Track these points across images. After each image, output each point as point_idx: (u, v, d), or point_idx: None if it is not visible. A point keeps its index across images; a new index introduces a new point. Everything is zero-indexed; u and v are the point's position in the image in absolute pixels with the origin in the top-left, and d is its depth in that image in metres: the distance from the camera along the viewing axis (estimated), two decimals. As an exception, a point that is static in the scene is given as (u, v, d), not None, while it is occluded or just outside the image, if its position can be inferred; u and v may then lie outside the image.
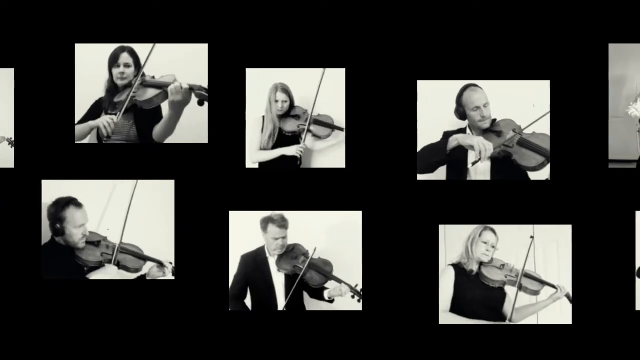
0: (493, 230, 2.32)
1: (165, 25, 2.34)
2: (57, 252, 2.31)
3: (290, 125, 2.46)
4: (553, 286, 2.32)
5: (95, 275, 2.32)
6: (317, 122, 2.43)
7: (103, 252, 2.32)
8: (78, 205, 2.30)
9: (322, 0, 2.33)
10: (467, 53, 2.33)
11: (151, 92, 2.31)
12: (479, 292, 2.34)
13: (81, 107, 2.35)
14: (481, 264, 2.35)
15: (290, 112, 2.46)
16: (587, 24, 2.32)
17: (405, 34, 2.33)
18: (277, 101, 2.42)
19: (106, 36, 2.34)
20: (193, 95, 2.28)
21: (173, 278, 2.32)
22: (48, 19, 2.33)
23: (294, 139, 2.45)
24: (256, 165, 2.42)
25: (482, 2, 2.33)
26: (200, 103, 2.26)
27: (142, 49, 2.33)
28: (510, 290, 2.35)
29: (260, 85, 2.37)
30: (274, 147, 2.45)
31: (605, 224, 2.31)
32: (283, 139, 2.46)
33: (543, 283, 2.33)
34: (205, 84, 2.30)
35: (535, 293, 2.32)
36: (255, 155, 2.42)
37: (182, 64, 2.33)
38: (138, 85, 2.32)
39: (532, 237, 2.31)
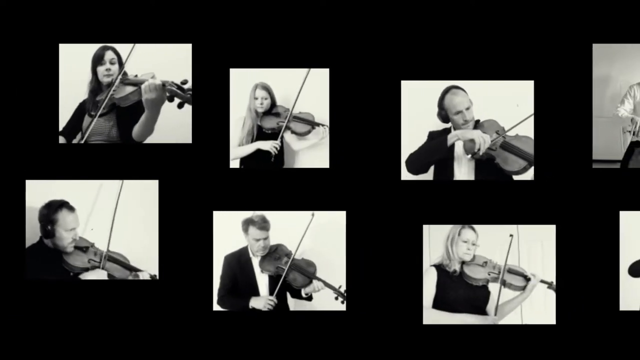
0: (472, 228, 2.32)
1: (149, 25, 2.34)
2: (45, 255, 2.30)
3: (270, 123, 2.46)
4: (524, 276, 2.32)
5: (84, 276, 2.32)
6: (296, 118, 2.42)
7: (90, 259, 2.31)
8: (70, 208, 2.29)
9: (307, 0, 2.33)
10: (451, 53, 2.33)
11: (127, 90, 2.30)
12: (462, 291, 2.33)
13: (64, 107, 2.34)
14: (463, 263, 2.34)
15: (271, 110, 2.46)
16: (571, 24, 2.32)
17: (389, 34, 2.33)
18: (256, 98, 2.42)
19: (90, 36, 2.34)
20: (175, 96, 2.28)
21: (157, 270, 2.32)
22: (31, 19, 2.33)
23: (273, 136, 2.45)
24: (237, 162, 2.41)
25: (466, 2, 2.33)
26: (180, 106, 2.26)
27: (125, 49, 2.33)
28: (494, 288, 2.34)
29: (244, 85, 2.37)
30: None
31: (589, 224, 2.31)
32: (262, 136, 2.46)
33: (526, 276, 2.32)
34: (177, 80, 2.28)
35: (520, 289, 2.32)
36: (233, 151, 2.41)
37: (166, 64, 2.32)
38: (118, 84, 2.31)
39: (511, 235, 2.30)
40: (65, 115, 2.35)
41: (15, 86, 2.33)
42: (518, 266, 2.35)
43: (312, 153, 2.41)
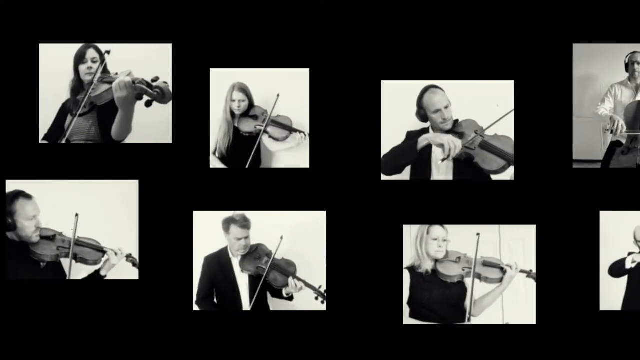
0: (441, 225, 2.31)
1: (129, 25, 2.33)
2: (11, 249, 2.28)
3: (248, 126, 2.45)
4: (501, 267, 2.31)
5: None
6: (275, 122, 2.42)
7: (59, 246, 2.29)
8: (27, 196, 2.26)
9: (287, 1, 2.33)
10: (432, 53, 2.33)
11: (103, 88, 2.30)
12: (436, 291, 2.33)
13: (46, 107, 2.34)
14: (436, 261, 2.34)
15: (249, 112, 2.46)
16: (552, 24, 2.32)
17: (369, 34, 2.33)
18: (233, 100, 2.41)
19: (71, 36, 2.33)
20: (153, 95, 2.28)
21: (133, 268, 2.32)
22: (11, 19, 2.33)
23: (251, 139, 2.44)
24: (218, 162, 2.41)
25: (446, 2, 2.33)
26: (148, 104, 2.25)
27: (106, 48, 2.33)
28: (470, 284, 2.32)
29: (225, 85, 2.37)
30: (231, 146, 2.43)
31: (570, 224, 2.31)
32: (240, 139, 2.45)
33: (502, 268, 2.31)
34: (148, 77, 2.27)
35: (497, 281, 2.31)
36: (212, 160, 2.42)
37: (146, 63, 2.32)
38: (97, 82, 2.31)
39: (478, 234, 2.29)
40: (46, 115, 2.35)
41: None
42: (493, 258, 2.33)
43: (289, 154, 2.41)
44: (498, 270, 2.31)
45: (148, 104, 2.26)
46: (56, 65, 2.33)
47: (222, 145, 2.42)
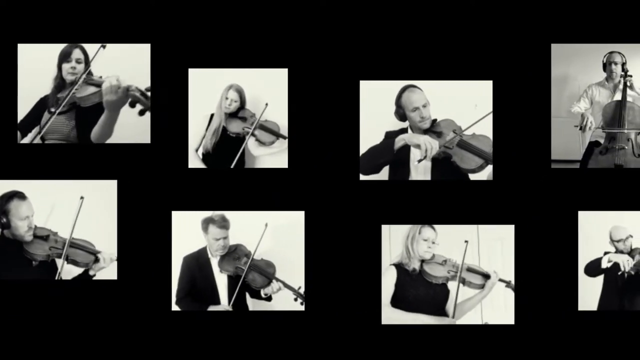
0: (432, 227, 2.32)
1: (107, 25, 2.33)
2: (5, 246, 2.29)
3: (236, 127, 2.46)
4: (488, 275, 2.32)
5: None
6: (263, 127, 2.42)
7: (52, 246, 2.31)
8: (22, 197, 2.28)
9: (265, 1, 2.33)
10: (410, 53, 2.33)
11: (89, 90, 2.30)
12: (422, 289, 2.33)
13: (24, 103, 2.34)
14: (423, 261, 2.34)
15: (238, 112, 2.47)
16: (530, 24, 2.32)
17: (348, 35, 2.33)
18: (227, 98, 2.44)
19: (51, 36, 2.33)
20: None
21: (115, 268, 2.32)
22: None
23: (237, 140, 2.45)
24: (200, 158, 2.43)
25: (425, 2, 2.33)
26: (141, 113, 2.25)
27: (93, 49, 2.32)
28: (453, 287, 2.34)
29: (203, 85, 2.36)
30: (217, 146, 2.45)
31: (548, 224, 2.31)
32: (227, 139, 2.46)
33: (485, 275, 2.32)
34: (143, 86, 2.28)
35: (480, 287, 2.32)
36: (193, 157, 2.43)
37: (125, 63, 2.32)
38: (81, 83, 2.31)
39: (466, 242, 2.30)
40: (24, 111, 2.35)
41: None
42: (477, 265, 2.34)
43: (272, 159, 2.41)
44: (481, 277, 2.32)
45: (142, 113, 2.26)
46: (34, 65, 2.33)
47: (208, 142, 2.43)
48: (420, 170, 2.35)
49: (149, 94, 2.27)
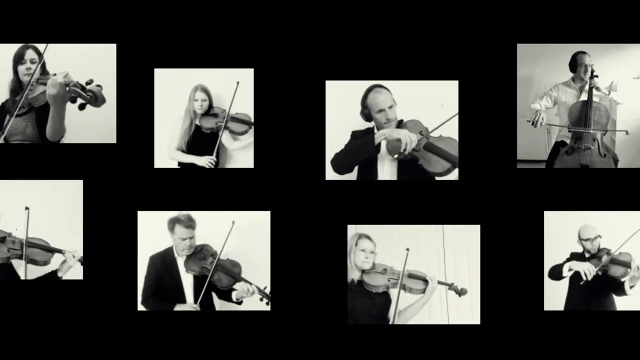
0: (368, 237, 2.31)
1: (73, 25, 2.33)
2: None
3: (209, 123, 2.48)
4: (425, 280, 2.31)
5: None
6: (234, 119, 2.43)
7: (10, 248, 2.30)
8: None
9: (232, 1, 2.33)
10: (376, 53, 2.33)
11: (39, 89, 2.29)
12: (358, 300, 2.31)
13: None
14: (363, 271, 2.33)
15: (209, 111, 2.48)
16: (496, 24, 2.32)
17: (314, 34, 2.33)
18: (196, 100, 2.45)
19: (13, 36, 2.33)
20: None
21: (81, 268, 2.31)
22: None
23: (212, 136, 2.46)
24: (175, 164, 2.44)
25: (391, 2, 2.33)
26: (81, 107, 2.22)
27: (48, 49, 2.32)
28: (394, 294, 2.32)
29: (169, 85, 2.36)
30: (189, 144, 2.46)
31: (514, 224, 2.31)
32: (201, 136, 2.47)
33: (425, 280, 2.31)
34: (88, 78, 2.25)
35: (421, 292, 2.31)
36: (173, 153, 2.45)
37: (89, 63, 2.31)
38: (34, 83, 2.30)
39: (407, 249, 2.30)
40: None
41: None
42: (418, 270, 2.33)
43: (245, 154, 2.41)
44: (421, 282, 2.31)
45: (81, 107, 2.23)
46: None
47: (182, 141, 2.45)
48: (386, 171, 2.35)
49: (88, 87, 2.21)
